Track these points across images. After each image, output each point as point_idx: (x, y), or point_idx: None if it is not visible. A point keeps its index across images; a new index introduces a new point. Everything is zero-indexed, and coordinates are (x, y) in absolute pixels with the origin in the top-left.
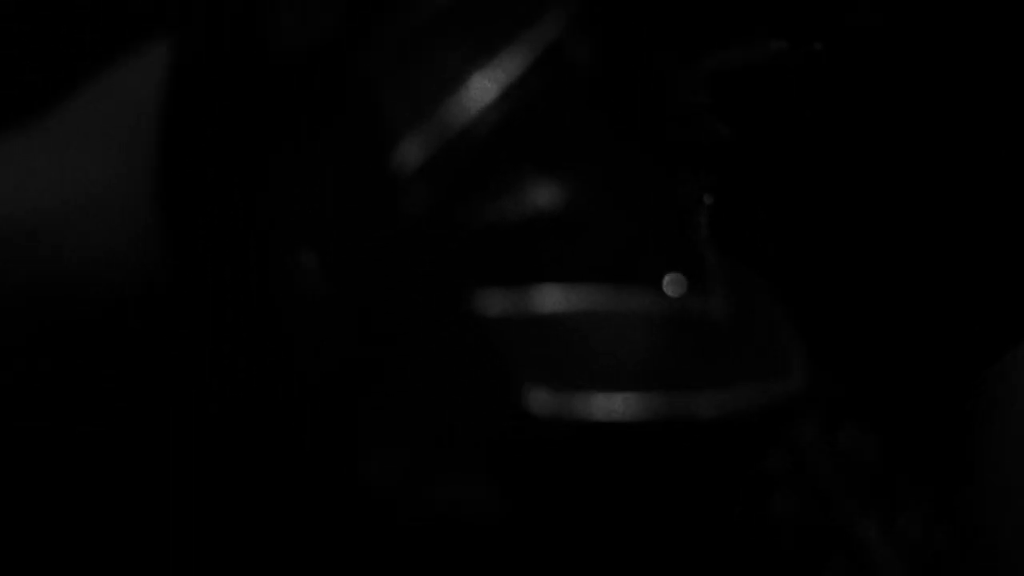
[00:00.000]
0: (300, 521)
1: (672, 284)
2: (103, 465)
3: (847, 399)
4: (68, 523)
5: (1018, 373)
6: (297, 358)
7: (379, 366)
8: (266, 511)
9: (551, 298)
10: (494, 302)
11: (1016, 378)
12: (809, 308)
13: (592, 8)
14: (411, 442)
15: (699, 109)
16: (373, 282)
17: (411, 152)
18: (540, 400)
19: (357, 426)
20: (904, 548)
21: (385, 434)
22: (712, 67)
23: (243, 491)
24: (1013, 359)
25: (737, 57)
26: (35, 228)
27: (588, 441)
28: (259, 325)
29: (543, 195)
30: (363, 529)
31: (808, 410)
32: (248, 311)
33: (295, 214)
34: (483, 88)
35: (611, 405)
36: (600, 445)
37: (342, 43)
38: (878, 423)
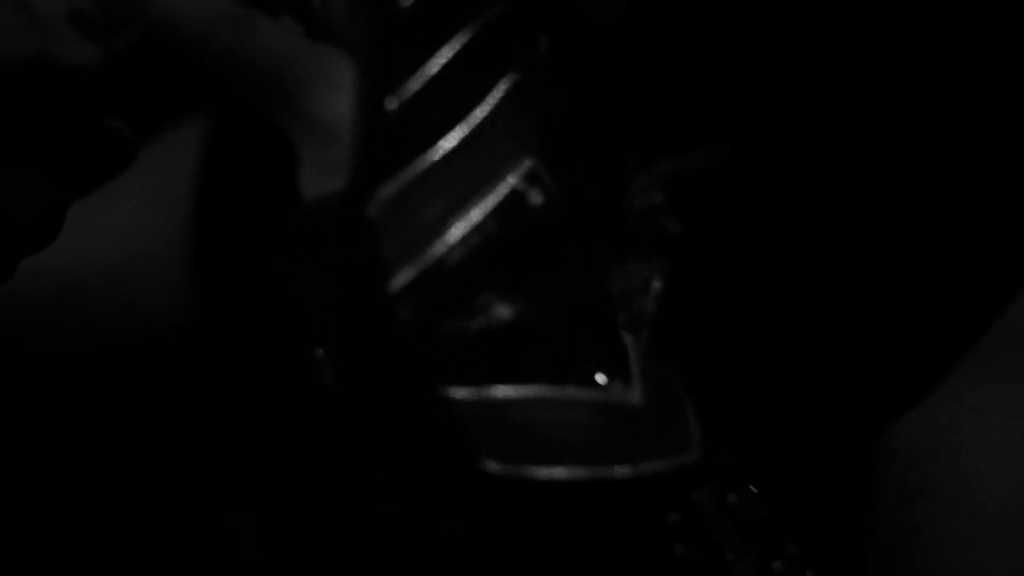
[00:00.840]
0: (326, 544)
1: (601, 379)
2: (128, 486)
3: (738, 468)
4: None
5: (900, 445)
6: (309, 426)
7: (382, 433)
8: (296, 540)
9: (505, 390)
10: (461, 391)
11: (898, 450)
12: (712, 391)
13: (545, 162)
14: (413, 489)
15: (653, 208)
16: (368, 373)
17: (401, 277)
18: (495, 469)
19: (372, 476)
20: None
21: (394, 483)
22: (665, 172)
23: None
24: (893, 434)
25: (686, 163)
26: (88, 280)
27: (532, 498)
28: (277, 397)
29: (501, 311)
30: (377, 548)
31: (705, 476)
32: (264, 380)
33: (312, 319)
34: (456, 229)
35: (549, 474)
36: (541, 502)
37: (353, 197)
38: (765, 488)
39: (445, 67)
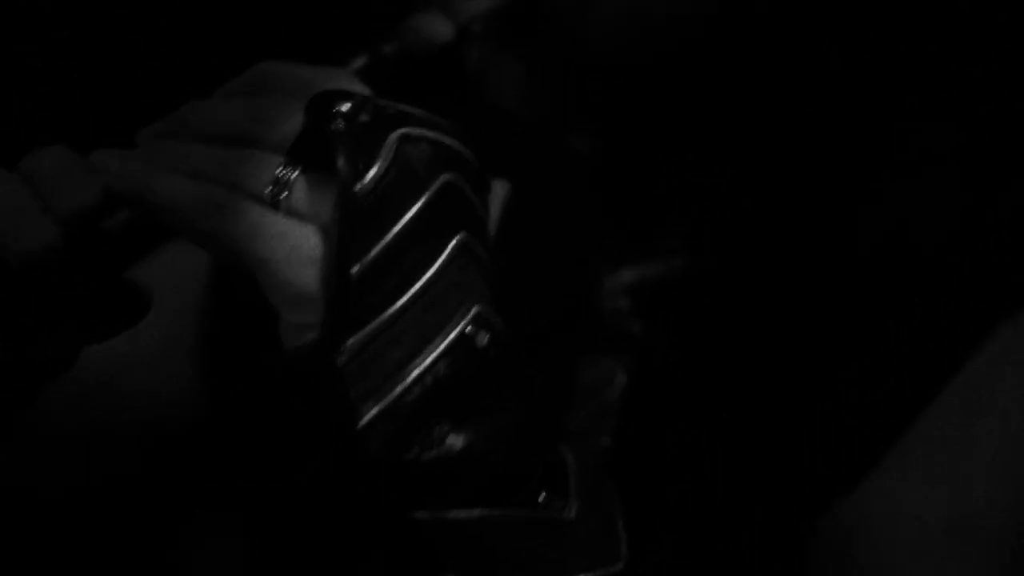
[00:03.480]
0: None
1: (542, 498)
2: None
3: (668, 568)
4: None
5: (835, 530)
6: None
7: (349, 552)
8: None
9: (458, 512)
10: (421, 514)
11: (833, 533)
12: (659, 485)
13: (492, 305)
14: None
15: (618, 311)
16: (338, 499)
17: (367, 414)
18: None
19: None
20: None
21: None
22: (629, 280)
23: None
24: (830, 518)
25: (648, 272)
26: (109, 373)
27: None
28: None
29: (454, 441)
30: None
31: None
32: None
33: (290, 452)
34: (413, 372)
35: None
36: None
37: (324, 349)
38: None
39: (399, 235)
